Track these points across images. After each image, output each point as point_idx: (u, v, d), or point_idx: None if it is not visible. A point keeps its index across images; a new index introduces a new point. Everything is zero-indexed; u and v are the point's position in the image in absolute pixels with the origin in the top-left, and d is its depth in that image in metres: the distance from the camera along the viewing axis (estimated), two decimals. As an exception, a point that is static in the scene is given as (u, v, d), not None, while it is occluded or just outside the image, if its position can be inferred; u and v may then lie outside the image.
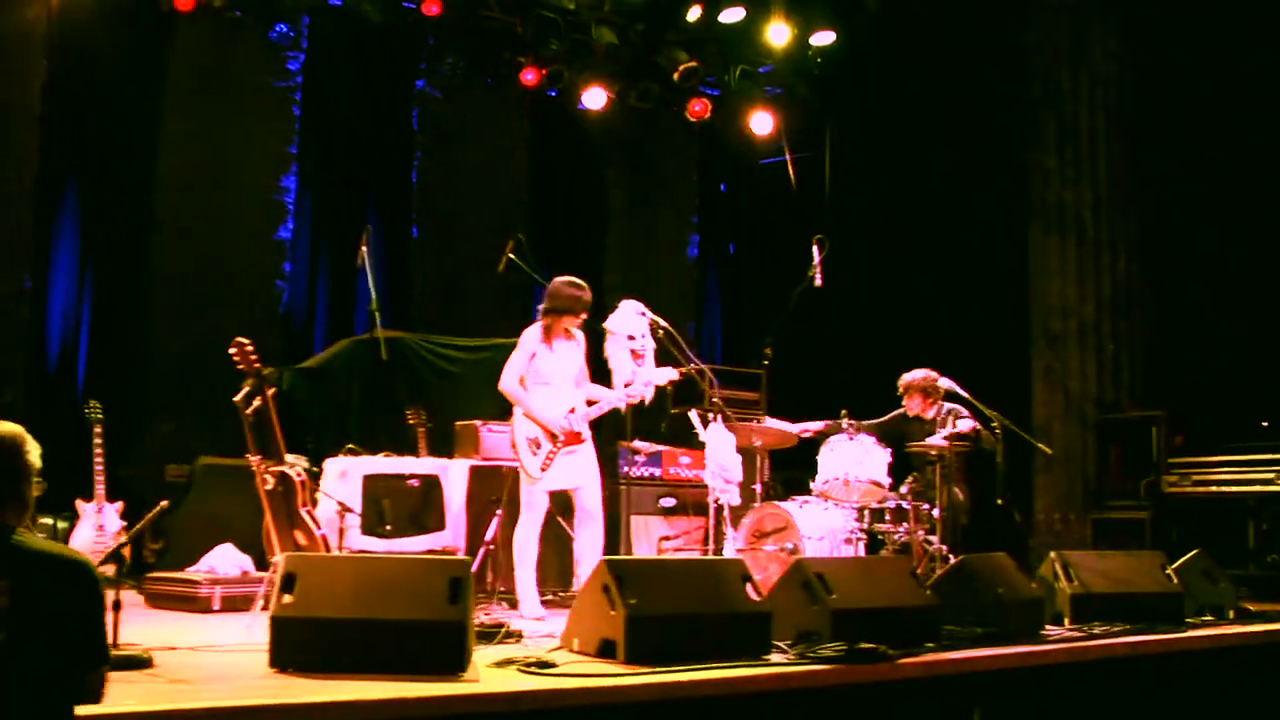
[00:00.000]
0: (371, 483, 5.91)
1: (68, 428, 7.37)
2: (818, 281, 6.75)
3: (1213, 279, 9.34)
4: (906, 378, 6.84)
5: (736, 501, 5.77)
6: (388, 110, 10.11)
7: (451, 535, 6.28)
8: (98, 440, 6.71)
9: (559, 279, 5.68)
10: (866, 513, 6.21)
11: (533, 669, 3.69)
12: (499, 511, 6.09)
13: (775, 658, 4.12)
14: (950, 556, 5.99)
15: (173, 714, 2.88)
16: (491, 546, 6.02)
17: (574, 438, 5.49)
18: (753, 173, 12.00)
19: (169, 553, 6.65)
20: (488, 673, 3.69)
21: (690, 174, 12.03)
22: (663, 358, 5.77)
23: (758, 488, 6.43)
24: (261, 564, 5.83)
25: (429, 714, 3.20)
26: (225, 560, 5.87)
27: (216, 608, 5.63)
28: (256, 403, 5.14)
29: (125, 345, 8.66)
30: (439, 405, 7.31)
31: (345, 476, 6.04)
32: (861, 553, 6.12)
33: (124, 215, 8.68)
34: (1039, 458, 8.51)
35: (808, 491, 6.44)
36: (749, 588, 4.34)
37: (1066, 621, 5.37)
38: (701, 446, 6.02)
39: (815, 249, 6.78)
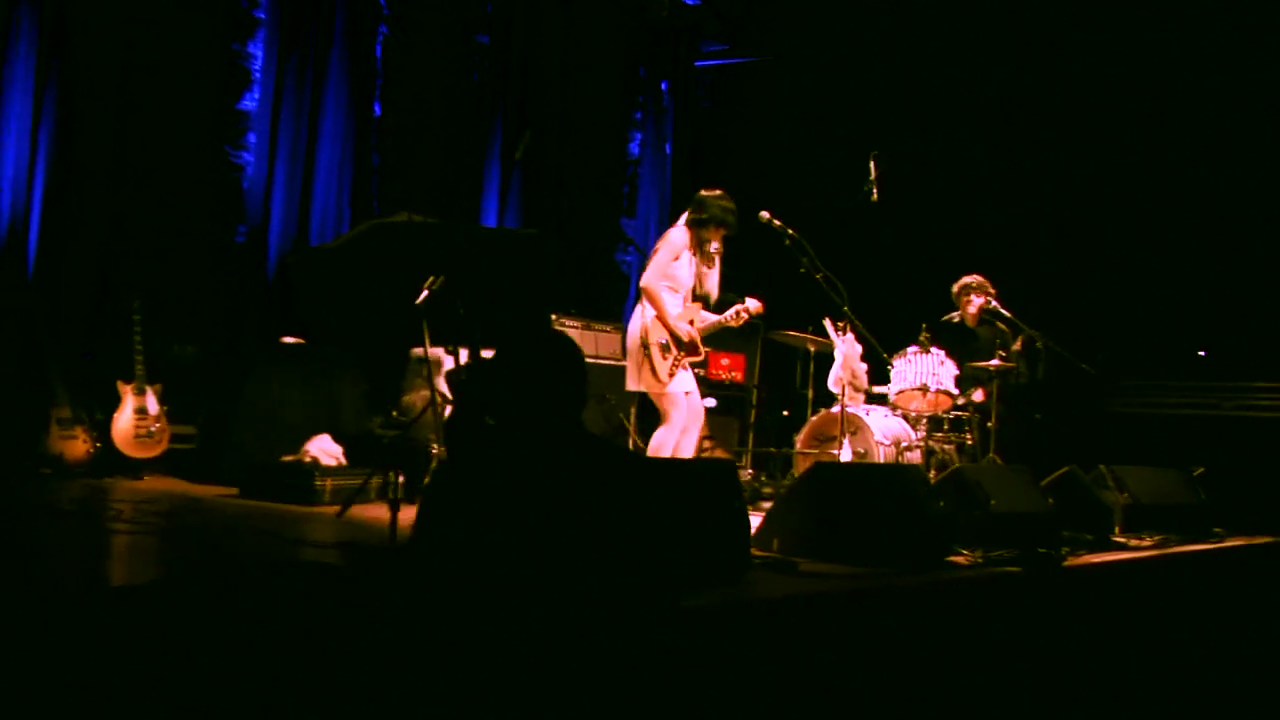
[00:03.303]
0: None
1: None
2: (874, 196, 6.87)
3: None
4: (965, 280, 7.13)
5: (874, 411, 6.00)
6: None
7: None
8: (136, 322, 6.42)
9: (711, 192, 5.68)
10: (923, 422, 6.56)
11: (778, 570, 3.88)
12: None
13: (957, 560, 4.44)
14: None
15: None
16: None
17: (695, 350, 5.57)
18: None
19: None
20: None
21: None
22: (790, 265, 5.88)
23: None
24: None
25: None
26: (324, 451, 5.73)
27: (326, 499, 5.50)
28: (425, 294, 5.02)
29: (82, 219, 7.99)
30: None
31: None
32: (918, 459, 6.48)
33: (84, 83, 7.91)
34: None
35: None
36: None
37: (1117, 529, 5.89)
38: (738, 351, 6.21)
39: (872, 164, 6.92)
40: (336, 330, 7.37)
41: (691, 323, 5.63)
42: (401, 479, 5.88)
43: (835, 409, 6.55)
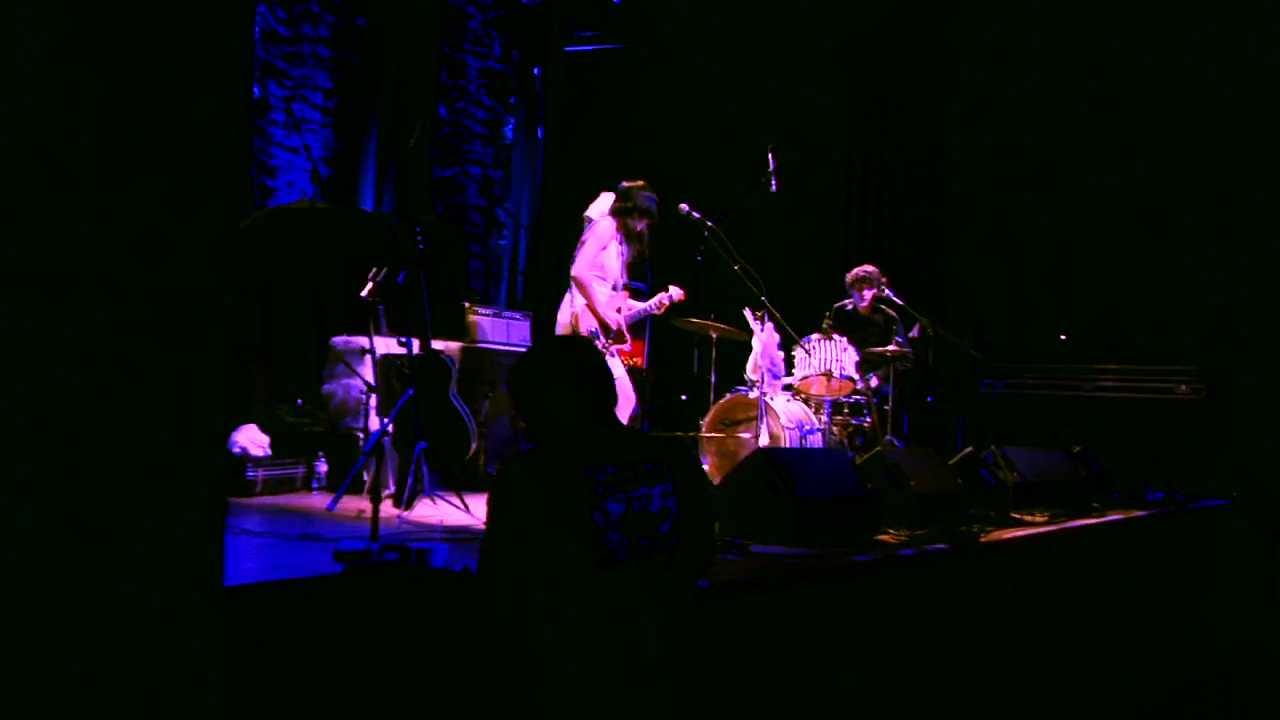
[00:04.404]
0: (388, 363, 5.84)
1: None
2: (773, 187, 7.04)
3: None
4: (860, 271, 7.42)
5: (778, 396, 6.20)
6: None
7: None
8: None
9: (635, 184, 5.78)
10: (824, 406, 6.82)
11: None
12: (491, 395, 6.22)
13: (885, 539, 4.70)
14: (900, 446, 6.75)
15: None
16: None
17: (622, 338, 5.70)
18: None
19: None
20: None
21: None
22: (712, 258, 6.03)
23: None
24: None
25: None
26: (253, 441, 5.63)
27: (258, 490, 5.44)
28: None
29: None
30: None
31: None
32: (820, 443, 6.74)
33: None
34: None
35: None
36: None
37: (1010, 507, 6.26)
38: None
39: (770, 155, 7.12)
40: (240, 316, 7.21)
41: (619, 311, 5.75)
42: (326, 469, 5.89)
43: (741, 393, 6.76)
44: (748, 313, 6.49)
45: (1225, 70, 9.53)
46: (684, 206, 6.08)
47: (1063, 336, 9.90)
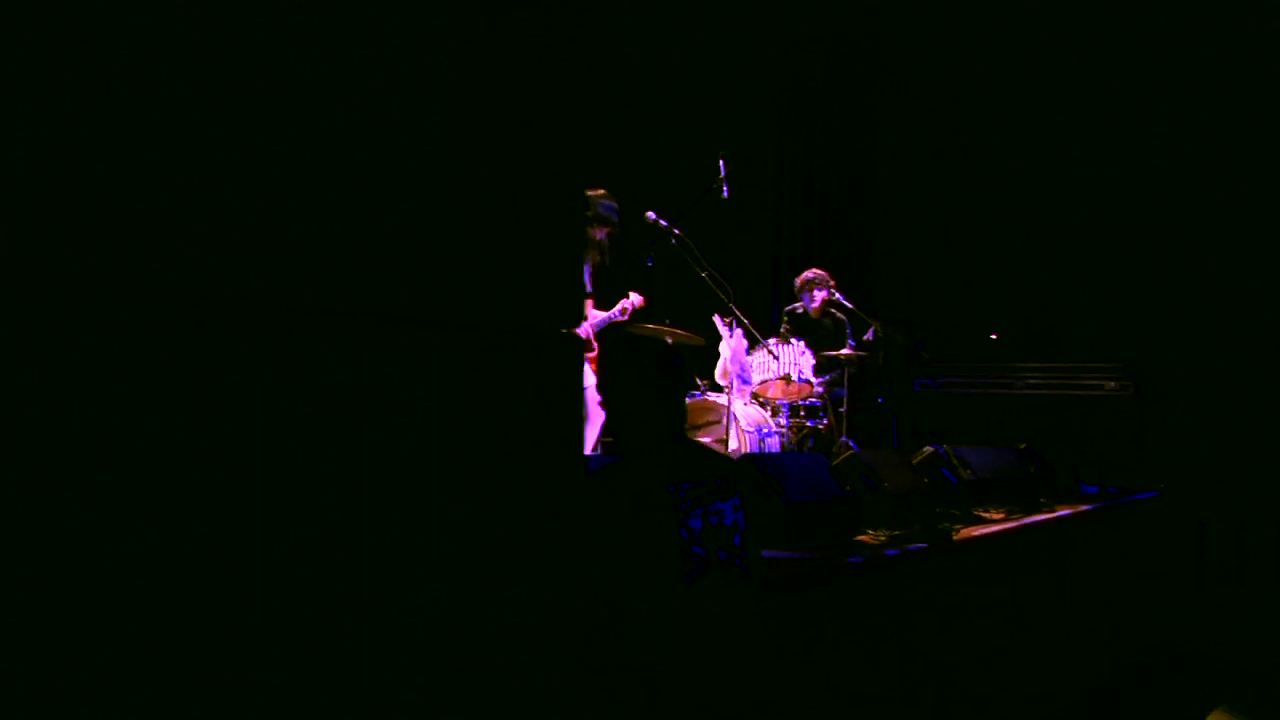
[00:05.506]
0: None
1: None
2: (725, 193, 7.15)
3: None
4: (809, 274, 7.56)
5: (746, 402, 6.29)
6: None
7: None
8: None
9: (595, 191, 5.83)
10: (782, 409, 6.96)
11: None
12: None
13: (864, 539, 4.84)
14: (855, 448, 6.91)
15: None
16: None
17: (590, 347, 5.75)
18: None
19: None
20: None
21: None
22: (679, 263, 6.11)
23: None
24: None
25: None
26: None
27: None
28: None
29: None
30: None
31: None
32: (777, 446, 6.88)
33: None
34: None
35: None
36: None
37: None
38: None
39: (721, 163, 7.23)
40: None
41: (588, 319, 5.81)
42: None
43: (697, 398, 6.87)
44: (717, 319, 6.60)
45: (1158, 68, 9.91)
46: (650, 214, 6.15)
47: (993, 336, 10.22)
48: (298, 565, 1.77)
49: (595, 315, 5.97)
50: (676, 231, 6.14)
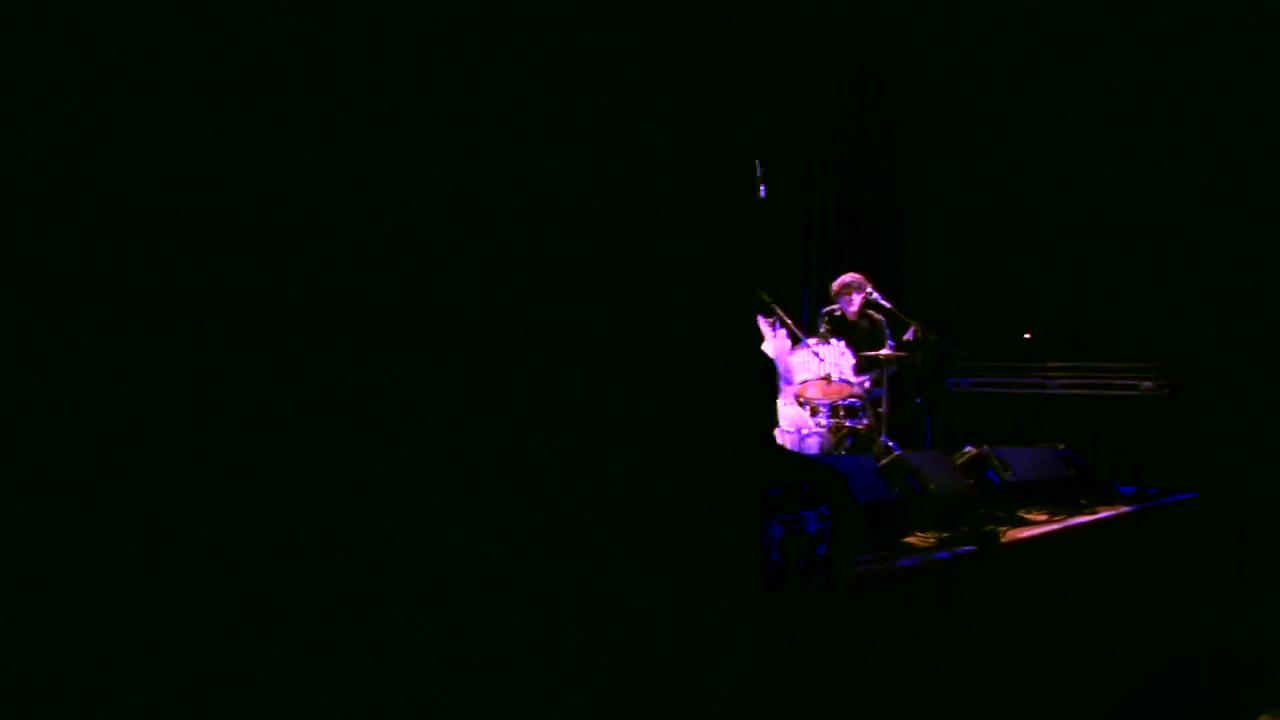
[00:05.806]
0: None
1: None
2: (761, 193, 7.14)
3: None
4: (846, 278, 7.54)
5: (788, 402, 6.28)
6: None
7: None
8: None
9: None
10: (824, 409, 6.93)
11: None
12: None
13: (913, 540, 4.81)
14: (896, 449, 6.88)
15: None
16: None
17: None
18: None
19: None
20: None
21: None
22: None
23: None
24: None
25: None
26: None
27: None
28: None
29: None
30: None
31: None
32: (816, 446, 6.86)
33: None
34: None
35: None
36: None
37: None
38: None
39: (756, 162, 7.21)
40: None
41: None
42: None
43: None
44: (760, 319, 6.58)
45: (1187, 67, 9.85)
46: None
47: (1027, 335, 10.16)
48: (298, 565, 1.77)
49: None
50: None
